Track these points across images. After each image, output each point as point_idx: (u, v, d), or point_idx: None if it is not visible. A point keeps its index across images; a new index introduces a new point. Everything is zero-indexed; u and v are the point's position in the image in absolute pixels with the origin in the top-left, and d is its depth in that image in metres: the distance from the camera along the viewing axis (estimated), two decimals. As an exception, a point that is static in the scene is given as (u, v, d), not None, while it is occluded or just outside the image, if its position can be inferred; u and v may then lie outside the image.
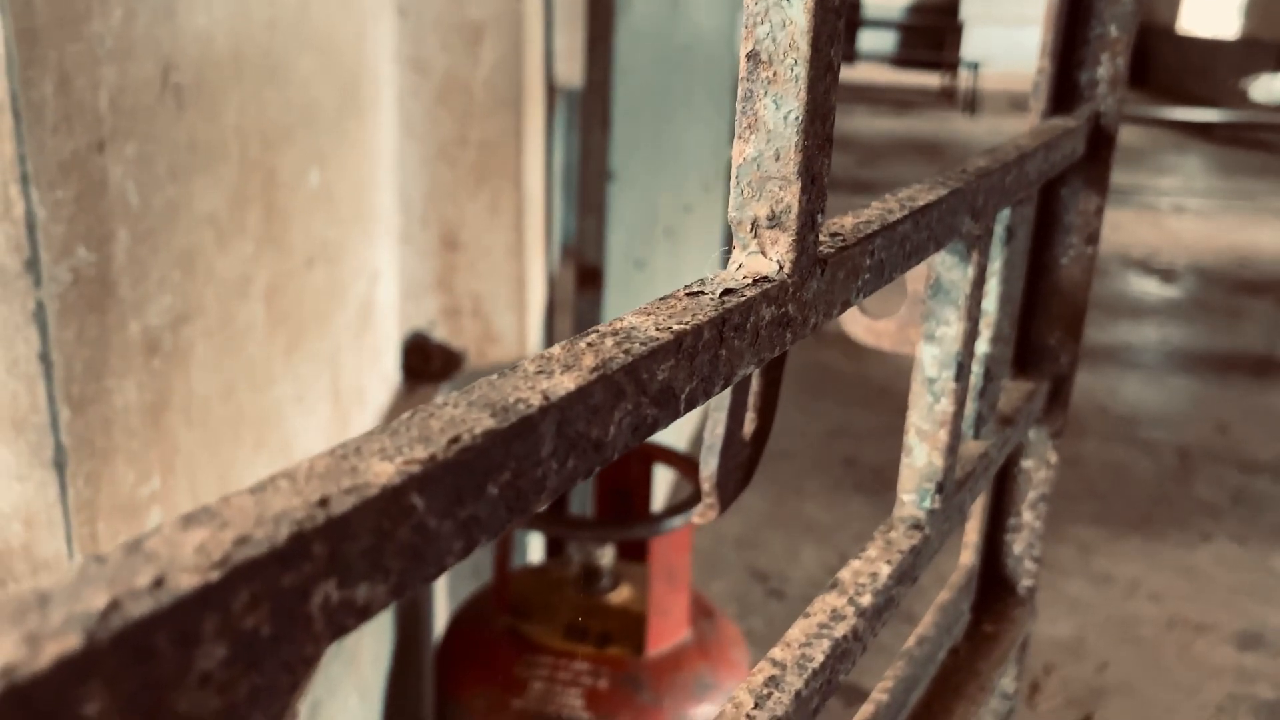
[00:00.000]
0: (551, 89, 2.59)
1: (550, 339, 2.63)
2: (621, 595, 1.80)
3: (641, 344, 0.24)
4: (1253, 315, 5.45)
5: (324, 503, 0.17)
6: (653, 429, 0.25)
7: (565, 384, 0.22)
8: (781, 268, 0.30)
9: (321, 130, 1.55)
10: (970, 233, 0.45)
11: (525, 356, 1.67)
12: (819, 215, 0.31)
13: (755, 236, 0.30)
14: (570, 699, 1.68)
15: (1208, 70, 12.20)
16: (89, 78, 0.90)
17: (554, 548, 2.18)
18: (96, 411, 0.93)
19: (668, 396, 0.25)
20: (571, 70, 2.82)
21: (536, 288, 2.36)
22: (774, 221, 0.30)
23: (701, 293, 0.28)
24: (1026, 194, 0.53)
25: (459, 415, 0.20)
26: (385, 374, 2.05)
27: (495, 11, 2.04)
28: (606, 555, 1.78)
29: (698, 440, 3.91)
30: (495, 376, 0.22)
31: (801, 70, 0.28)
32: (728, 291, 0.28)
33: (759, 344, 0.29)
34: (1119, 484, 3.70)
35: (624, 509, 2.00)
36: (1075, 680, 2.79)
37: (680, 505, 1.70)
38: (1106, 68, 0.64)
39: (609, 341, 0.24)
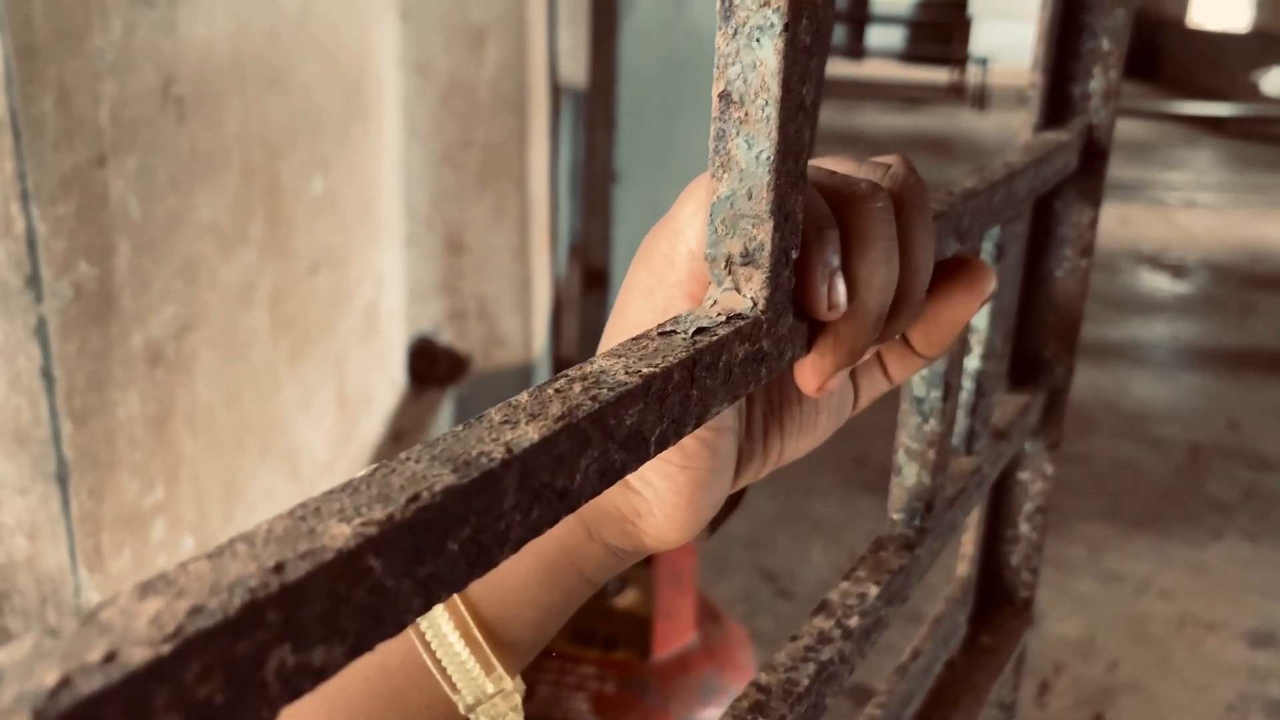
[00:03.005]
0: (556, 89, 2.59)
1: (556, 341, 2.64)
2: (628, 599, 1.80)
3: (610, 389, 0.25)
4: (1265, 311, 5.42)
5: (279, 569, 0.17)
6: (621, 473, 0.25)
7: (530, 434, 0.22)
8: (755, 304, 0.30)
9: (325, 135, 1.56)
10: (957, 255, 0.45)
11: (531, 358, 1.68)
12: (793, 251, 0.31)
13: (729, 273, 0.30)
14: (577, 703, 1.68)
15: (1219, 63, 12.14)
16: (89, 92, 0.91)
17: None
18: (99, 424, 0.94)
19: (636, 441, 0.25)
20: (576, 70, 2.83)
21: (542, 290, 2.37)
22: (747, 259, 0.30)
23: (674, 332, 0.28)
24: (1016, 211, 0.53)
25: (420, 471, 0.20)
26: (391, 378, 2.05)
27: (498, 14, 2.04)
28: (612, 558, 1.78)
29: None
30: (461, 426, 0.23)
31: (773, 110, 0.28)
32: (700, 330, 0.29)
33: (732, 381, 0.29)
34: (1128, 481, 3.69)
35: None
36: (1085, 679, 2.78)
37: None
38: (1099, 81, 0.64)
39: (577, 387, 0.25)
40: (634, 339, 0.28)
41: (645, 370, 0.26)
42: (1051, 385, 0.67)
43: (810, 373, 0.34)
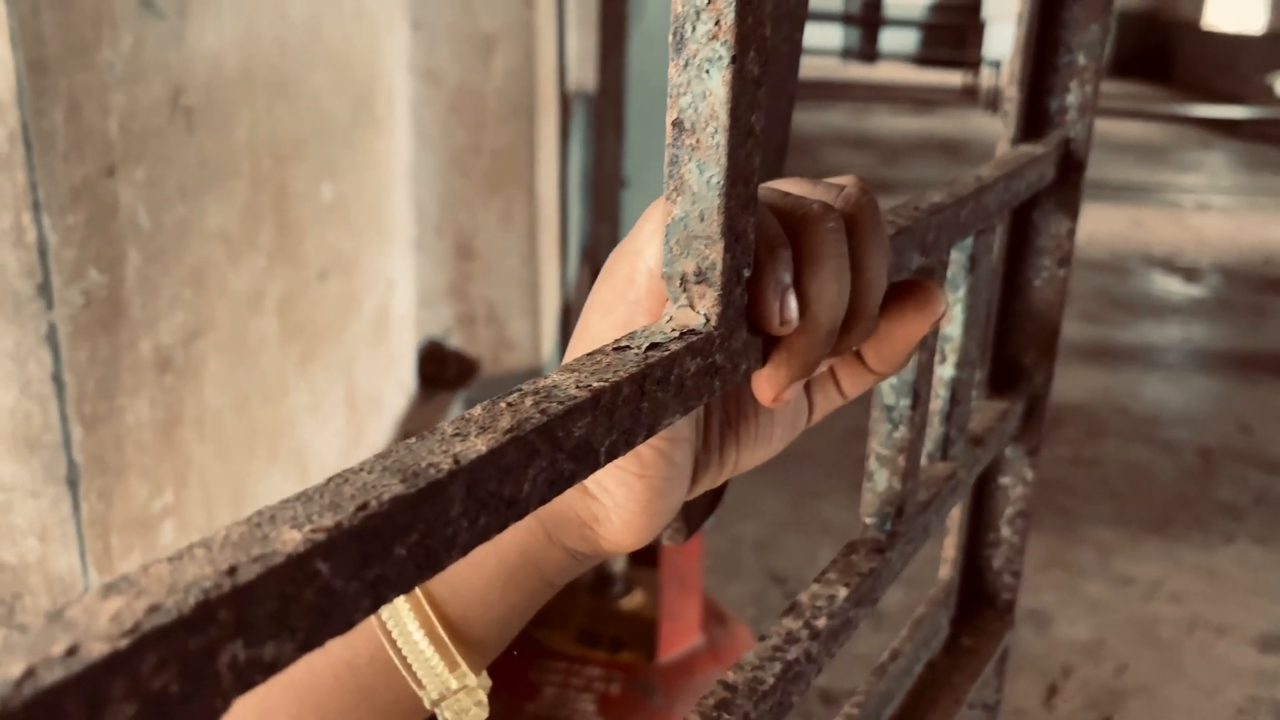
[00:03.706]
0: (565, 96, 2.61)
1: (565, 344, 2.66)
2: (634, 601, 1.82)
3: (559, 403, 0.26)
4: (1278, 314, 5.40)
5: (232, 571, 0.19)
6: (570, 482, 0.27)
7: (478, 446, 0.24)
8: (708, 320, 0.31)
9: (334, 143, 1.58)
10: (923, 267, 0.47)
11: (540, 362, 1.70)
12: (745, 269, 0.32)
13: (684, 291, 0.32)
14: (583, 704, 1.70)
15: (1233, 66, 12.09)
16: (99, 104, 0.93)
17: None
18: (108, 429, 0.96)
19: (585, 451, 0.27)
20: (586, 75, 2.84)
21: (551, 294, 2.39)
22: (701, 277, 0.31)
23: (628, 347, 0.30)
24: (987, 224, 0.54)
25: (371, 481, 0.22)
26: (402, 382, 2.08)
27: (507, 22, 2.06)
28: (619, 562, 1.80)
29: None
30: (414, 440, 0.24)
31: (722, 138, 0.30)
32: (654, 345, 0.30)
33: (684, 394, 0.31)
34: (1139, 485, 3.68)
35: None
36: (1094, 682, 2.78)
37: (689, 512, 1.72)
38: (1076, 95, 0.65)
39: (528, 401, 0.26)
40: (589, 354, 0.29)
41: (595, 384, 0.27)
42: (1031, 392, 0.69)
43: (766, 384, 0.35)
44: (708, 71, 0.30)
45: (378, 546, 0.21)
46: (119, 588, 0.18)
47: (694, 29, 0.30)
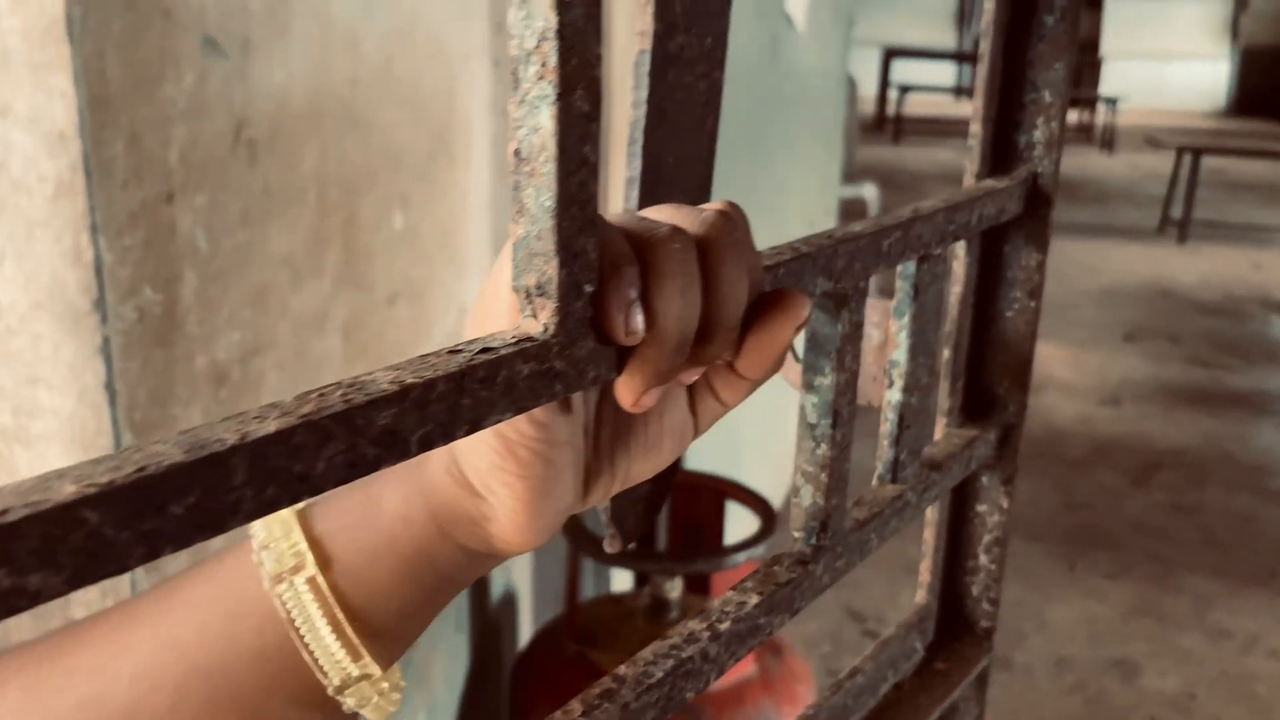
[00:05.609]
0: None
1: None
2: (689, 627, 1.83)
3: (365, 395, 0.30)
4: (1405, 361, 5.17)
5: (4, 512, 0.23)
6: (376, 465, 0.30)
7: (269, 427, 0.27)
8: (547, 330, 0.35)
9: (407, 175, 1.65)
10: (834, 292, 0.49)
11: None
12: (587, 285, 0.36)
13: (530, 303, 0.35)
14: (633, 727, 1.72)
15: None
16: (159, 136, 1.00)
17: (642, 580, 2.23)
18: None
19: (392, 439, 0.30)
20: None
21: (627, 325, 2.43)
22: (540, 290, 0.35)
23: (462, 350, 0.34)
24: (925, 253, 0.56)
25: (159, 450, 0.26)
26: (475, 406, 2.13)
27: (586, 60, 2.13)
28: (674, 588, 1.82)
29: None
30: (216, 421, 0.28)
31: (552, 166, 0.34)
32: (486, 350, 0.34)
33: (516, 394, 0.34)
34: (1243, 535, 3.56)
35: (695, 544, 2.04)
36: (1181, 737, 2.70)
37: (742, 543, 1.74)
38: (1042, 131, 0.67)
39: (338, 393, 0.30)
40: (422, 355, 0.33)
41: (409, 380, 0.31)
42: (1004, 421, 0.70)
43: (623, 390, 0.39)
44: (538, 108, 0.34)
45: (151, 504, 0.25)
46: (-93, 522, 0.22)
47: (526, 69, 0.34)
